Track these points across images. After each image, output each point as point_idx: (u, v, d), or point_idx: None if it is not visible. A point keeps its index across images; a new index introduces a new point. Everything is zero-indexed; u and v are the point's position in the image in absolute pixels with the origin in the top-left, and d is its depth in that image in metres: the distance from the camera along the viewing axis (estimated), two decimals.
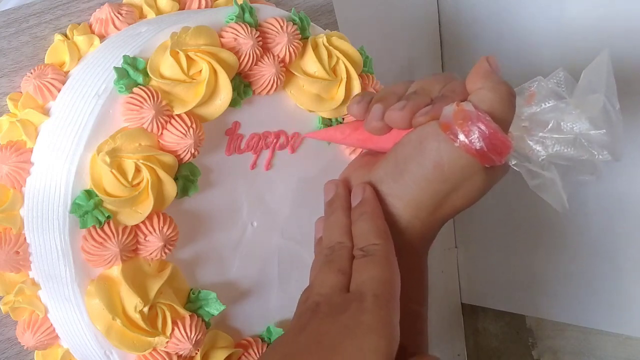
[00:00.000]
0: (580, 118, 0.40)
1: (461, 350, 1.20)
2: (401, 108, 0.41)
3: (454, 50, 1.03)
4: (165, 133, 0.46)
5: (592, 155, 0.40)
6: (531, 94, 0.41)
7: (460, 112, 0.38)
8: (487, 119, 0.38)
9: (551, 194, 0.42)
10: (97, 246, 0.44)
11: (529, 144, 0.41)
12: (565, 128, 0.40)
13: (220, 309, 0.49)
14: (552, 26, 0.89)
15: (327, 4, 0.67)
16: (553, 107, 0.40)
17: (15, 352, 0.52)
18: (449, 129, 0.38)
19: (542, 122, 0.40)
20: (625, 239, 0.90)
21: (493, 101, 0.39)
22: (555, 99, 0.40)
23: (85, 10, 0.54)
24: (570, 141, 0.40)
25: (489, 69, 0.41)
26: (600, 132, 0.39)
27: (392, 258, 0.39)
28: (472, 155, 0.38)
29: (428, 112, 0.40)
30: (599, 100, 0.40)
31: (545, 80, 0.41)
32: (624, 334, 0.94)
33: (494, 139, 0.37)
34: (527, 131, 0.41)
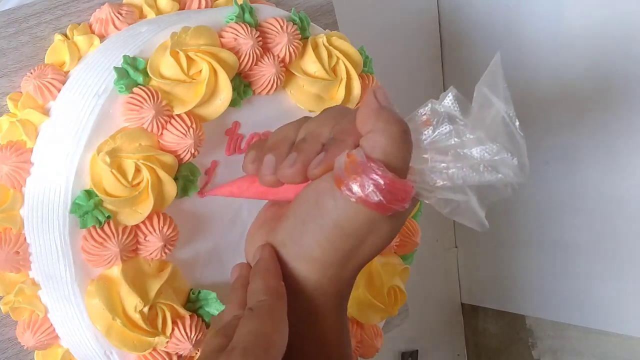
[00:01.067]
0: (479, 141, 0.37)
1: (461, 350, 1.20)
2: (292, 164, 0.39)
3: (454, 50, 1.03)
4: (165, 133, 0.46)
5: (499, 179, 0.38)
6: (426, 121, 0.39)
7: (352, 164, 0.36)
8: (380, 168, 0.35)
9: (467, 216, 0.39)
10: (97, 246, 0.44)
11: (431, 177, 0.38)
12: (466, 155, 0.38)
13: (220, 309, 0.49)
14: (551, 26, 0.89)
15: (327, 4, 0.67)
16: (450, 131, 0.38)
17: (15, 352, 0.51)
18: (342, 184, 0.36)
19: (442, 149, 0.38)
20: (625, 239, 0.90)
21: (385, 145, 0.36)
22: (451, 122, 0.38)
23: (85, 10, 0.54)
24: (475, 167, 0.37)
25: (376, 105, 0.37)
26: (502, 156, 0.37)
27: (277, 314, 0.37)
28: (372, 209, 0.36)
29: (320, 164, 0.38)
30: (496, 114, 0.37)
31: (437, 103, 0.39)
32: (624, 334, 0.94)
33: (392, 188, 0.35)
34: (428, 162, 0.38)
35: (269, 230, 0.41)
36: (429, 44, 1.03)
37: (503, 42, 0.94)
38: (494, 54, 0.39)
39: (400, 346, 1.09)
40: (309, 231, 0.38)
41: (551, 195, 0.96)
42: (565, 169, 0.92)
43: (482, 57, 0.98)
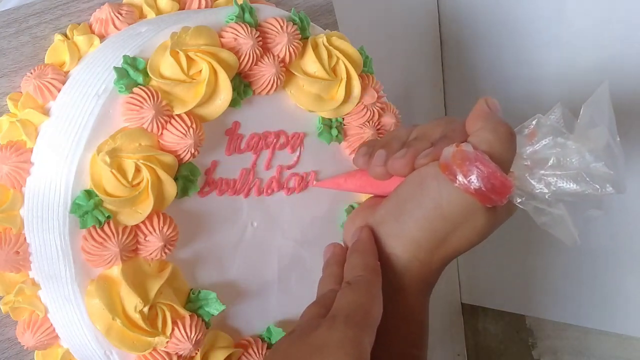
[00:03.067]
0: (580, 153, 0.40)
1: (461, 350, 1.20)
2: (402, 156, 0.42)
3: (454, 50, 1.03)
4: (165, 133, 0.46)
5: (595, 189, 0.40)
6: (531, 132, 0.41)
7: (459, 153, 0.38)
8: (485, 158, 0.38)
9: (561, 230, 0.42)
10: (97, 246, 0.44)
11: (531, 183, 0.41)
12: (566, 164, 0.40)
13: (220, 309, 0.49)
14: (551, 26, 0.89)
15: (327, 4, 0.67)
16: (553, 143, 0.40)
17: (15, 352, 0.51)
18: (448, 170, 0.39)
19: (543, 159, 0.41)
20: (625, 239, 0.90)
21: (492, 141, 0.39)
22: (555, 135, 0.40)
23: (85, 10, 0.54)
24: (572, 177, 0.40)
25: (487, 110, 0.41)
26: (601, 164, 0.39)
27: (374, 288, 0.39)
28: (471, 195, 0.38)
29: (428, 154, 0.41)
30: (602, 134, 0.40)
31: (544, 117, 0.41)
32: (624, 334, 0.94)
33: (493, 179, 0.38)
34: (528, 169, 0.41)
35: (369, 213, 0.44)
36: (429, 44, 1.03)
37: (503, 42, 0.94)
38: (494, 54, 0.41)
39: None
40: (409, 210, 0.41)
41: None
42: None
43: (482, 57, 0.98)
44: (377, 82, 0.58)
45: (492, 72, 0.98)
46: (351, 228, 0.46)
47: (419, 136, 0.44)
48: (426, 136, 0.43)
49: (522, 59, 0.93)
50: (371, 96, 0.57)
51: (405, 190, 0.42)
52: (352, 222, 0.46)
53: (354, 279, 0.40)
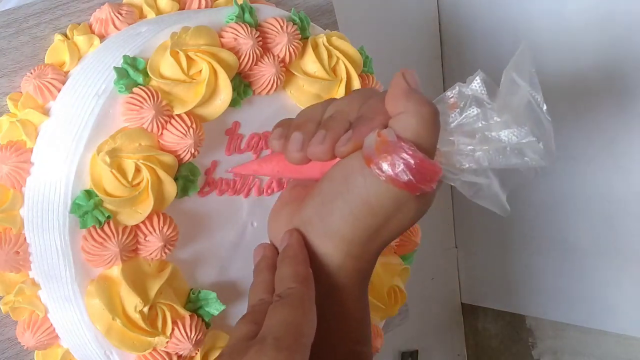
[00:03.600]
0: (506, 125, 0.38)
1: (461, 350, 1.20)
2: (321, 141, 0.39)
3: (454, 50, 1.03)
4: (165, 133, 0.46)
5: (525, 162, 0.38)
6: (452, 103, 0.39)
7: (383, 144, 0.36)
8: (411, 148, 0.36)
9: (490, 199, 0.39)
10: (97, 246, 0.44)
11: (458, 159, 0.39)
12: (493, 138, 0.38)
13: (220, 309, 0.49)
14: (551, 26, 0.89)
15: (327, 4, 0.67)
16: (477, 114, 0.38)
17: (15, 352, 0.51)
18: (372, 162, 0.36)
19: (469, 132, 0.38)
20: (625, 239, 0.90)
21: (417, 126, 0.37)
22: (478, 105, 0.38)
23: (85, 10, 0.54)
24: (501, 151, 0.38)
25: (406, 87, 0.38)
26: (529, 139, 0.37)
27: (306, 301, 0.37)
28: (400, 188, 0.37)
29: (349, 141, 0.38)
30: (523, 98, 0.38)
31: (465, 86, 0.39)
32: (624, 334, 0.94)
33: (422, 169, 0.36)
34: (454, 145, 0.39)
35: (294, 209, 0.42)
36: (429, 43, 1.03)
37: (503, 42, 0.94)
38: (494, 53, 0.40)
39: (400, 346, 1.09)
40: (336, 208, 0.39)
41: (551, 195, 0.96)
42: (566, 168, 0.92)
43: (482, 57, 0.98)
44: (377, 82, 0.58)
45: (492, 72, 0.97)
46: (275, 225, 0.43)
47: (335, 115, 0.40)
48: (343, 114, 0.40)
49: None
50: None
51: (330, 186, 0.39)
52: (276, 218, 0.43)
53: (285, 292, 0.38)
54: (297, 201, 0.42)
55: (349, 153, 0.39)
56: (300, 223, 0.41)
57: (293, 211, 0.42)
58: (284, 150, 0.41)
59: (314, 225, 0.40)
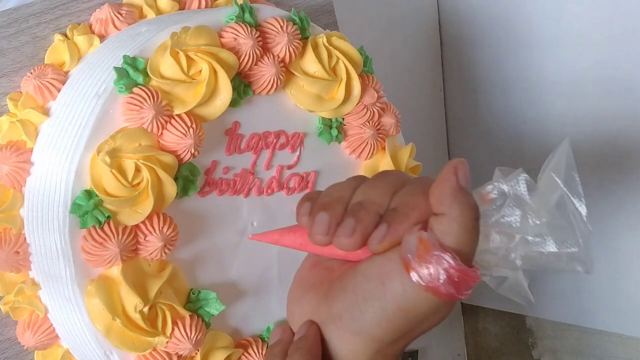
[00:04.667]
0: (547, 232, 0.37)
1: (461, 350, 1.20)
2: (350, 234, 0.37)
3: (454, 50, 1.03)
4: (165, 133, 0.46)
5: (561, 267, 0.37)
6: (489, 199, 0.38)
7: (425, 252, 0.35)
8: (454, 259, 0.34)
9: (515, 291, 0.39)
10: (97, 246, 0.44)
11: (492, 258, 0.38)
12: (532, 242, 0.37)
13: (220, 309, 0.49)
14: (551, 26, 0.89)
15: (327, 4, 0.67)
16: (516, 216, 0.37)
17: (15, 352, 0.51)
18: (412, 269, 0.35)
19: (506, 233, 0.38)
20: (625, 239, 0.90)
21: (459, 234, 0.35)
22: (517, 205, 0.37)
23: (85, 10, 0.54)
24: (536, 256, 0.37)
25: (455, 185, 0.36)
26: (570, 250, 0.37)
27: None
28: (440, 298, 0.35)
29: (384, 239, 0.37)
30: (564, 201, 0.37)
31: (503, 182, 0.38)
32: (624, 334, 0.94)
33: (463, 280, 0.35)
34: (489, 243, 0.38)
35: (320, 299, 0.40)
36: (429, 44, 1.03)
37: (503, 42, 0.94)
38: (494, 54, 0.39)
39: None
40: (370, 310, 0.37)
41: None
42: None
43: (482, 57, 0.98)
44: (377, 82, 0.58)
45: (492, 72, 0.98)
46: (299, 310, 0.41)
47: (365, 203, 0.38)
48: (374, 204, 0.38)
49: (522, 59, 0.93)
50: (371, 96, 0.57)
51: (365, 285, 0.38)
52: (299, 304, 0.42)
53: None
54: (322, 286, 0.41)
55: (384, 251, 0.37)
56: (328, 317, 0.39)
57: (319, 301, 0.40)
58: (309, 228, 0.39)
59: (344, 321, 0.39)
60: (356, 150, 0.58)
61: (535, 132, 0.95)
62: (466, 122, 1.05)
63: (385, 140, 0.58)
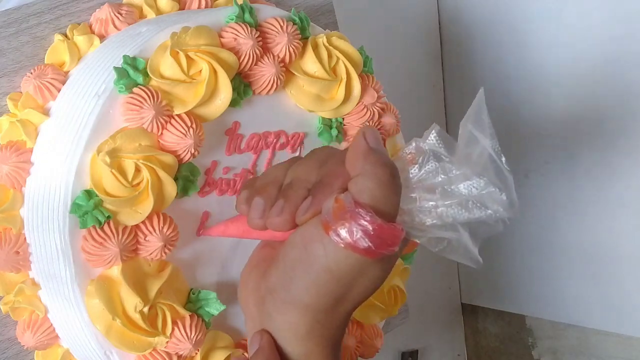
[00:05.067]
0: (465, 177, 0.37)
1: (461, 350, 1.20)
2: (279, 213, 0.39)
3: (454, 50, 1.03)
4: (165, 133, 0.46)
5: (489, 214, 0.37)
6: (410, 159, 0.38)
7: (340, 210, 0.35)
8: (369, 214, 0.35)
9: (460, 253, 0.39)
10: (97, 246, 0.44)
11: (420, 217, 0.38)
12: (453, 192, 0.37)
13: (220, 309, 0.49)
14: (551, 26, 0.89)
15: (327, 4, 0.67)
16: (436, 168, 0.38)
17: (15, 352, 0.51)
18: (331, 229, 0.36)
19: (429, 187, 0.38)
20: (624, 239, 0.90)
21: (374, 189, 0.36)
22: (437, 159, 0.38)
23: (85, 10, 0.54)
24: (463, 204, 0.37)
25: (365, 147, 0.37)
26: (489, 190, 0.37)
27: None
28: (361, 254, 0.36)
29: (308, 209, 0.38)
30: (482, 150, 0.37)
31: (422, 141, 0.38)
32: (624, 334, 0.94)
33: (381, 234, 0.35)
34: (416, 202, 0.38)
35: (260, 274, 0.41)
36: (429, 44, 1.03)
37: (503, 42, 0.94)
38: (494, 54, 0.39)
39: (400, 346, 1.09)
40: (297, 277, 0.38)
41: (551, 195, 0.96)
42: (565, 169, 0.92)
43: (482, 57, 0.98)
44: (377, 82, 0.58)
45: (492, 72, 0.98)
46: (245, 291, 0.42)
47: (293, 182, 0.40)
48: (302, 181, 0.40)
49: (522, 58, 0.93)
50: (371, 96, 0.57)
51: (292, 254, 0.38)
52: (245, 284, 0.42)
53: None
54: (264, 263, 0.42)
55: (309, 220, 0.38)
56: (266, 292, 0.40)
57: (259, 277, 0.41)
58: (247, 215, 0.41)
59: (278, 292, 0.39)
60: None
61: (536, 132, 0.95)
62: None
63: (385, 140, 0.58)
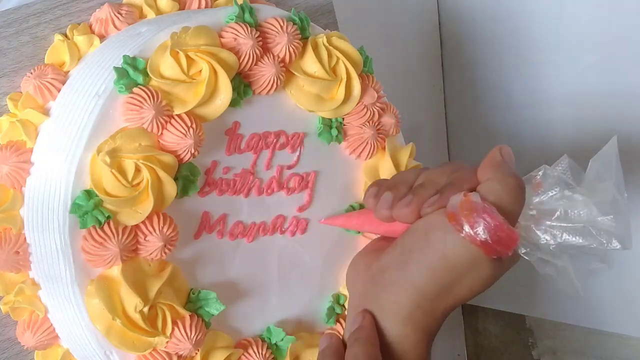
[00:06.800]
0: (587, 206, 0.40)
1: (461, 350, 1.20)
2: (407, 204, 0.42)
3: (454, 50, 1.03)
4: (165, 133, 0.46)
5: (601, 243, 0.40)
6: (537, 183, 0.41)
7: (467, 203, 0.38)
8: (493, 211, 0.38)
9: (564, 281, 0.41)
10: (97, 246, 0.44)
11: (536, 233, 0.41)
12: (573, 216, 0.40)
13: (220, 309, 0.49)
14: (552, 26, 0.89)
15: (327, 4, 0.67)
16: (560, 195, 0.40)
17: (15, 352, 0.51)
18: (454, 219, 0.39)
19: (550, 210, 0.40)
20: None
21: (501, 193, 0.39)
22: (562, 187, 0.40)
23: (85, 10, 0.54)
24: (579, 230, 0.40)
25: (500, 160, 0.41)
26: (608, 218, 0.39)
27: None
28: (477, 247, 0.38)
29: (435, 202, 0.41)
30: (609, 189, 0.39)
31: (551, 169, 0.41)
32: (624, 334, 0.94)
33: (500, 232, 0.37)
34: (534, 220, 0.41)
35: (374, 257, 0.44)
36: (429, 44, 1.03)
37: (503, 42, 0.94)
38: (494, 54, 0.41)
39: None
40: (414, 259, 0.40)
41: None
42: None
43: (482, 57, 0.98)
44: (377, 82, 0.58)
45: (492, 72, 0.98)
46: (354, 271, 0.45)
47: (425, 182, 0.43)
48: (432, 182, 0.43)
49: (522, 59, 0.93)
50: (371, 96, 0.57)
51: (411, 238, 0.41)
52: (356, 265, 0.46)
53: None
54: (379, 251, 0.44)
55: None
56: (377, 270, 0.43)
57: (372, 259, 0.44)
58: (374, 207, 0.44)
59: (390, 271, 0.42)
60: (356, 150, 0.58)
61: (536, 131, 0.95)
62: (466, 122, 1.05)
63: (385, 140, 0.58)
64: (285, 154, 0.55)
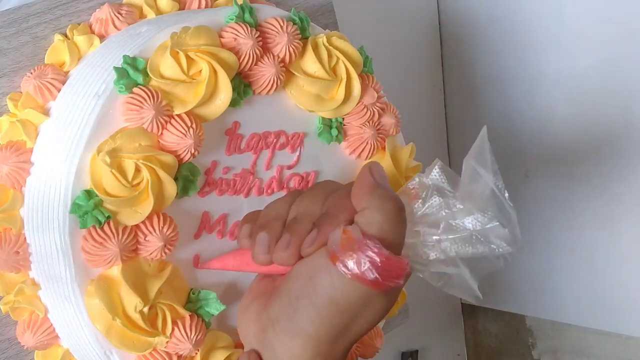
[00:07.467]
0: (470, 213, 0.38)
1: (461, 350, 1.20)
2: (285, 247, 0.39)
3: (454, 50, 1.03)
4: (165, 133, 0.46)
5: (492, 249, 0.38)
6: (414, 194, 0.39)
7: (348, 241, 0.36)
8: (377, 246, 0.35)
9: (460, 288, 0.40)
10: (97, 246, 0.44)
11: (425, 252, 0.39)
12: (457, 226, 0.38)
13: (220, 309, 0.49)
14: (551, 26, 0.89)
15: (327, 4, 0.67)
16: (440, 203, 0.38)
17: (15, 352, 0.51)
18: (338, 260, 0.36)
19: (434, 222, 0.39)
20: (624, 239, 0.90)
21: (382, 222, 0.36)
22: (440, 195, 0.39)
23: (85, 10, 0.54)
24: (467, 239, 0.38)
25: (372, 182, 0.38)
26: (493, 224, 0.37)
27: None
28: (367, 286, 0.36)
29: (314, 242, 0.38)
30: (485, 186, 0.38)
31: (425, 176, 0.39)
32: (624, 334, 0.94)
33: (388, 266, 0.35)
34: (420, 236, 0.39)
35: (261, 306, 0.41)
36: (429, 44, 1.03)
37: (503, 42, 0.94)
38: (494, 53, 0.40)
39: (400, 346, 1.09)
40: (302, 307, 0.38)
41: (551, 195, 0.96)
42: (565, 168, 0.93)
43: (482, 57, 0.98)
44: (377, 82, 0.58)
45: (492, 72, 0.98)
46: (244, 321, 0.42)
47: (299, 215, 0.40)
48: (307, 215, 0.40)
49: (522, 59, 0.93)
50: (371, 96, 0.57)
51: (296, 284, 0.39)
52: (245, 314, 0.42)
53: None
54: (265, 295, 0.42)
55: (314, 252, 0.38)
56: (267, 322, 0.40)
57: (260, 308, 0.41)
58: (251, 250, 0.41)
59: (281, 323, 0.39)
60: (356, 150, 0.58)
61: (536, 131, 0.95)
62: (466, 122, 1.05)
63: (385, 140, 0.58)
64: (285, 154, 0.55)
